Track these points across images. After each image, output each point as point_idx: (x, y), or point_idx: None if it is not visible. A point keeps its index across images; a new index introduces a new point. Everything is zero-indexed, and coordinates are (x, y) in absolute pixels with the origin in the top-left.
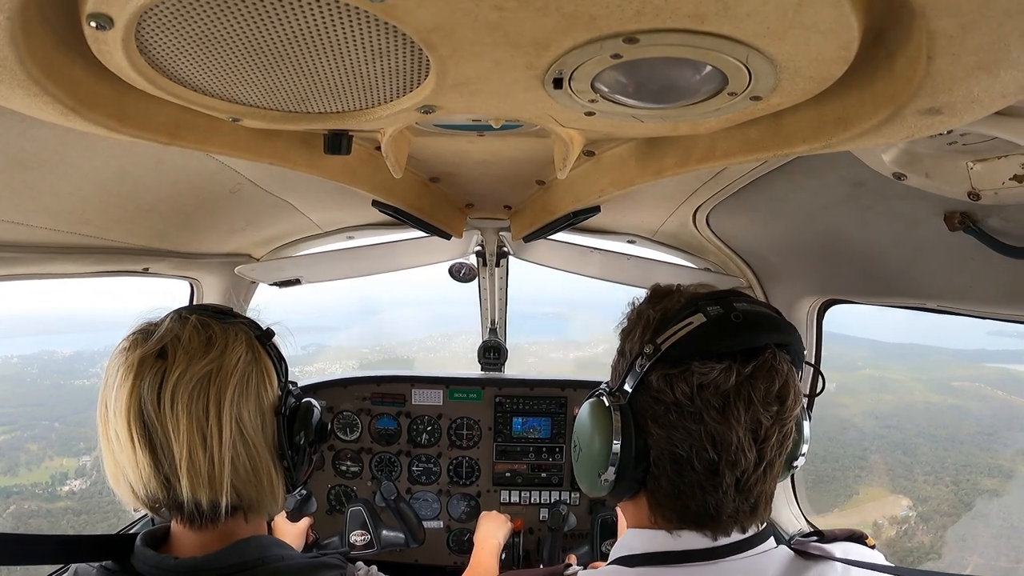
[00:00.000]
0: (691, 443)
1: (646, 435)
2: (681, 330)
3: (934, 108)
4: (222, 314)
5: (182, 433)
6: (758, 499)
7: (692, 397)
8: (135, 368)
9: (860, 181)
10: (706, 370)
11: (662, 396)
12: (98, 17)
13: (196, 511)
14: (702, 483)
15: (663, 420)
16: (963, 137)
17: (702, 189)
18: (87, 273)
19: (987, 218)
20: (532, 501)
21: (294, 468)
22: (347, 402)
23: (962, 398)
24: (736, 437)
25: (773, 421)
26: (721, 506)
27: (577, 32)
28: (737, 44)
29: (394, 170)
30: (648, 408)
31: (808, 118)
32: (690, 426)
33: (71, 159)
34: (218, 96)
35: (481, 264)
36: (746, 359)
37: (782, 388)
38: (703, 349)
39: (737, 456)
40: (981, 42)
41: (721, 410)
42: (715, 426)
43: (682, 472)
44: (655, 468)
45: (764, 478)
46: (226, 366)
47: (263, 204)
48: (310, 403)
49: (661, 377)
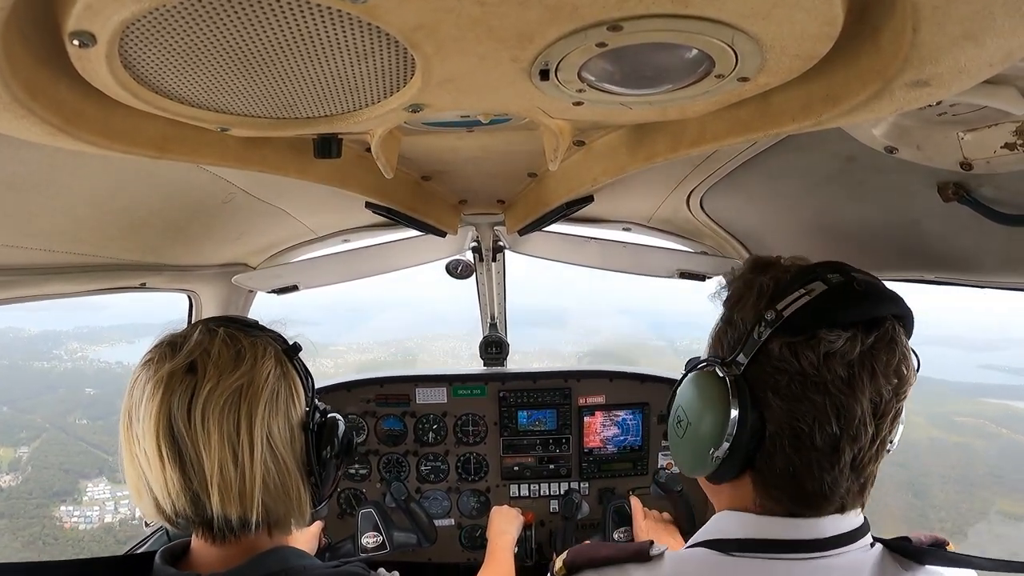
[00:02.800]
0: (815, 415)
1: (763, 408)
2: (803, 296)
3: (921, 80)
4: (249, 327)
5: (213, 449)
6: (867, 479)
7: (818, 367)
8: (164, 383)
9: (852, 156)
10: (833, 338)
11: (785, 365)
12: (80, 35)
13: (225, 527)
14: (820, 460)
15: (785, 392)
16: (952, 108)
17: (694, 173)
18: (84, 292)
19: (980, 187)
20: (542, 493)
21: (321, 484)
22: (352, 405)
23: (967, 435)
24: (860, 409)
25: (892, 395)
26: (836, 485)
27: (561, 23)
28: (721, 26)
29: (385, 171)
30: (768, 379)
31: (796, 96)
32: (815, 397)
33: (62, 179)
34: (205, 107)
35: (478, 260)
36: (868, 330)
37: (900, 362)
38: (828, 317)
39: (859, 431)
40: (966, 11)
41: (847, 381)
42: (841, 398)
43: (800, 448)
44: (770, 444)
45: (876, 457)
46: (256, 381)
47: (257, 212)
48: (336, 418)
49: (784, 345)
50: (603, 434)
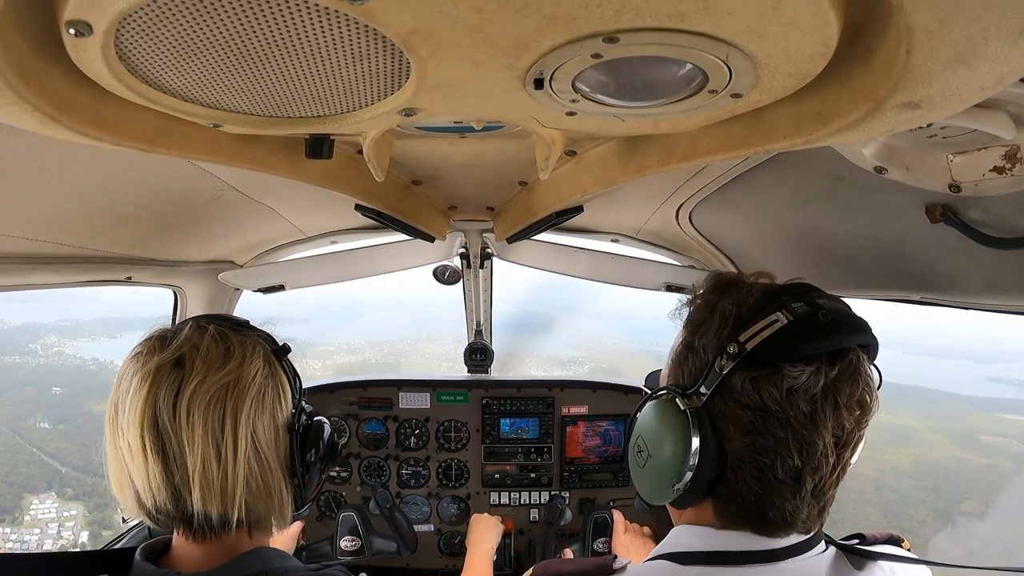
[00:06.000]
0: (777, 450)
1: (725, 441)
2: (766, 328)
3: (913, 102)
4: (239, 326)
5: (197, 444)
6: (827, 502)
7: (781, 402)
8: (152, 376)
9: (841, 175)
10: (796, 373)
11: (747, 400)
12: (77, 24)
13: (205, 524)
14: (782, 491)
15: (748, 426)
16: (943, 130)
17: (684, 186)
18: (69, 283)
19: (968, 210)
20: (522, 502)
21: (304, 486)
22: (334, 407)
23: (994, 456)
24: (823, 443)
25: (854, 426)
26: (797, 512)
27: (557, 33)
28: (717, 42)
29: (376, 173)
30: (730, 412)
31: (788, 114)
32: (778, 432)
33: (50, 168)
34: (198, 102)
35: (465, 266)
36: (832, 362)
37: (864, 392)
38: (792, 350)
39: (820, 462)
40: (959, 36)
41: (810, 416)
42: (803, 432)
43: (763, 480)
44: (731, 475)
45: (836, 482)
46: (244, 379)
47: (245, 210)
48: (322, 421)
49: (747, 380)
50: (585, 444)
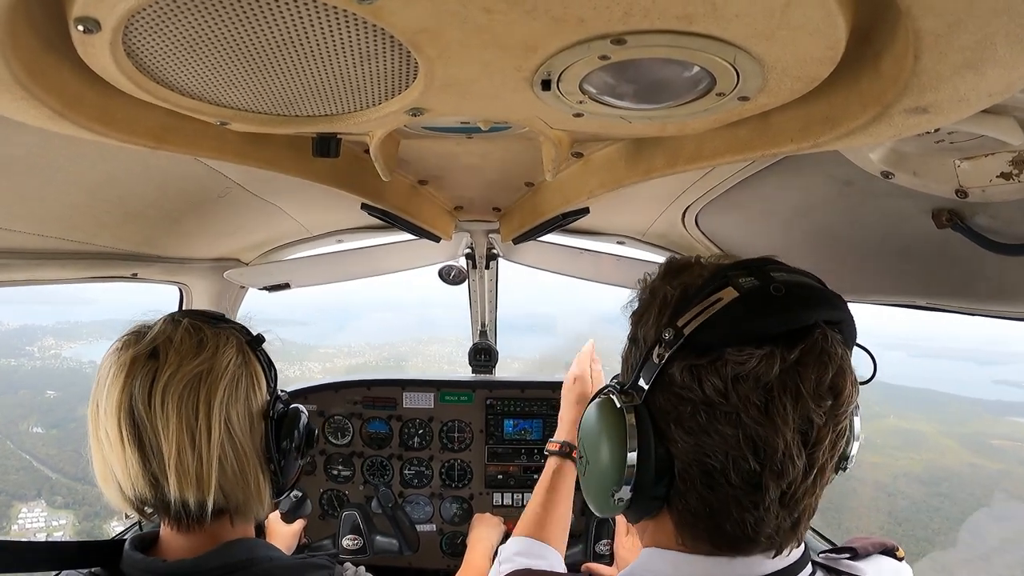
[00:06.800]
0: (726, 451)
1: (668, 442)
2: (707, 309)
3: (921, 107)
4: (213, 319)
5: (171, 432)
6: (802, 513)
7: (726, 393)
8: (127, 367)
9: (848, 180)
10: (743, 358)
11: (687, 393)
12: (85, 20)
13: (183, 511)
14: (740, 499)
15: (690, 423)
16: (950, 135)
17: (691, 189)
18: (75, 279)
19: (975, 216)
20: (525, 503)
21: (281, 473)
22: (338, 406)
23: (1007, 461)
24: (783, 441)
25: (827, 419)
26: (761, 524)
27: (565, 34)
28: (725, 45)
29: (383, 173)
30: (670, 408)
31: (796, 118)
32: (725, 430)
33: (58, 164)
34: (206, 100)
35: (471, 267)
36: (791, 343)
37: (836, 376)
38: (737, 332)
39: (784, 465)
40: (968, 41)
41: (763, 408)
42: (756, 428)
43: (715, 487)
44: (681, 483)
45: (813, 488)
46: (216, 368)
47: (252, 208)
48: (298, 409)
49: (685, 369)
50: None
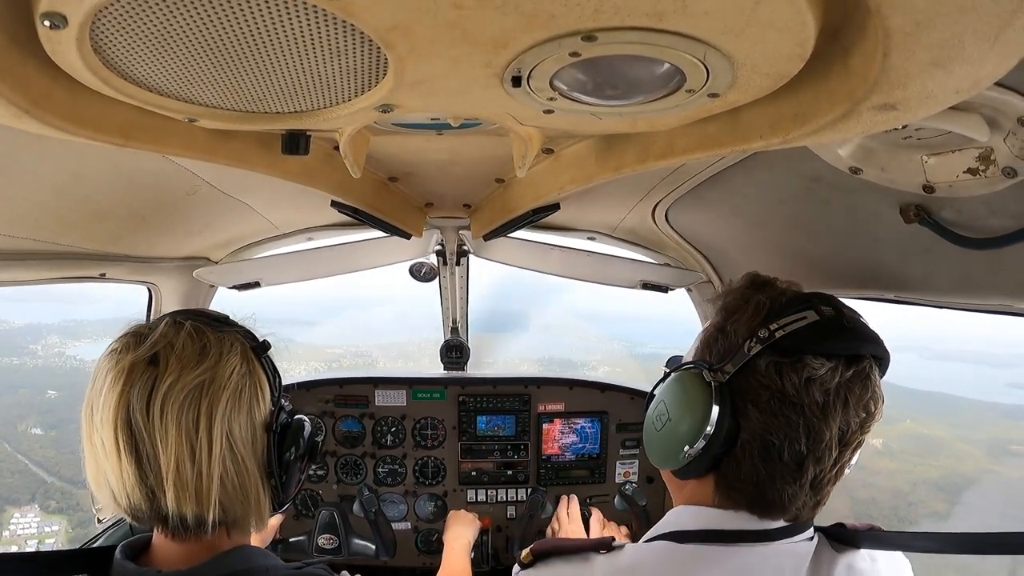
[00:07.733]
0: (787, 432)
1: (741, 417)
2: (796, 322)
3: (889, 104)
4: (218, 321)
5: (170, 445)
6: (822, 498)
7: (799, 389)
8: (125, 374)
9: (817, 176)
10: (817, 365)
11: (769, 382)
12: (52, 16)
13: (180, 525)
14: (784, 474)
15: (765, 406)
16: (917, 132)
17: (661, 185)
18: (41, 280)
19: (941, 210)
20: (499, 499)
21: (282, 487)
22: (310, 405)
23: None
24: (829, 434)
25: (859, 427)
26: (794, 498)
27: (536, 30)
28: (695, 42)
29: (353, 170)
30: (750, 391)
31: (765, 114)
32: (791, 416)
33: (23, 162)
34: (174, 96)
35: (442, 263)
36: (848, 364)
37: (871, 398)
38: (816, 345)
39: (823, 453)
40: (936, 39)
41: (822, 406)
42: (813, 420)
43: (768, 459)
44: (740, 451)
45: (834, 479)
46: (219, 378)
47: (221, 206)
48: (302, 420)
49: (771, 364)
50: (561, 441)
